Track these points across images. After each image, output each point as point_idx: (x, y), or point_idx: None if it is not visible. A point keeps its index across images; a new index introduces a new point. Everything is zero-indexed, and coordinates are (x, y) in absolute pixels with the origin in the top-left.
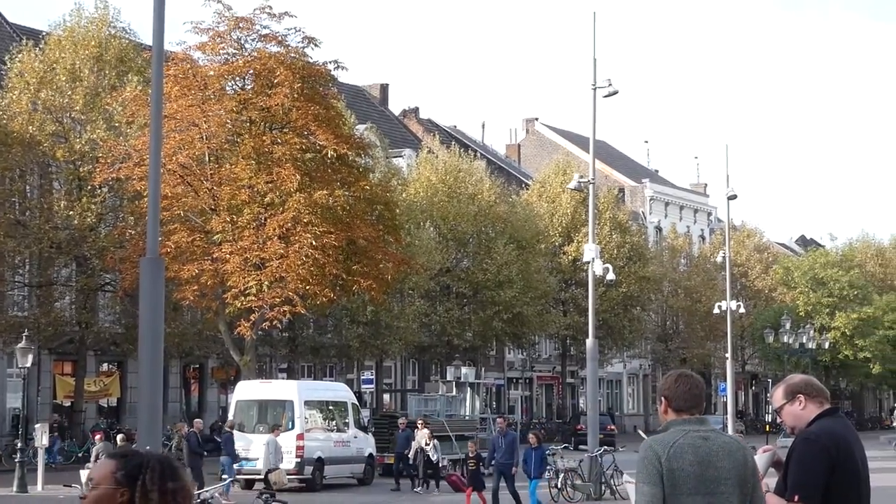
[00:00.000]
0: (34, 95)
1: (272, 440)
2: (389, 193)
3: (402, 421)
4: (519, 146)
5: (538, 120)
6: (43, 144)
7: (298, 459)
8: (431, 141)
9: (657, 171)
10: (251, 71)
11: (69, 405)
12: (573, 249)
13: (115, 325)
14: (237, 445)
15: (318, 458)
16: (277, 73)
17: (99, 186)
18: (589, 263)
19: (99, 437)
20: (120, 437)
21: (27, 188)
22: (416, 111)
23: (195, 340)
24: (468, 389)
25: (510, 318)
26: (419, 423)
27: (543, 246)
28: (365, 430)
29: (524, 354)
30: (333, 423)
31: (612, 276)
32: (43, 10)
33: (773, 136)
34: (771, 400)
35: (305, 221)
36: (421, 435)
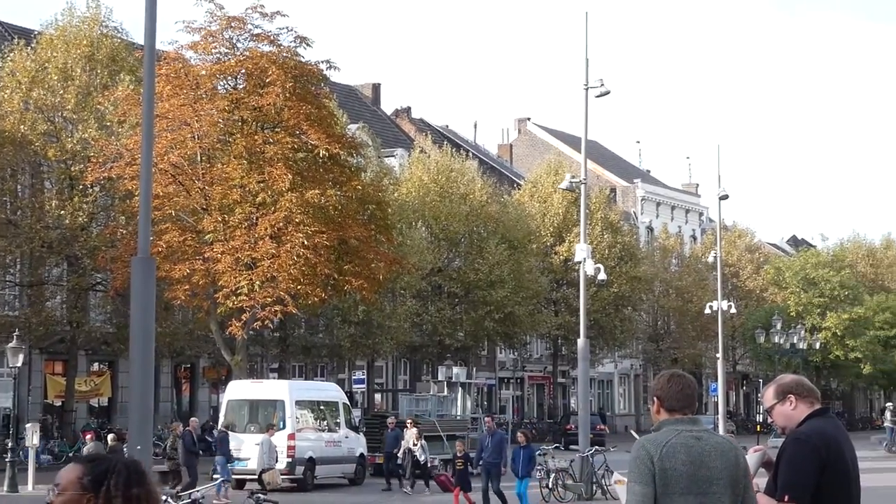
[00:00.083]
0: (26, 94)
1: (266, 440)
2: (381, 193)
3: (390, 420)
4: (511, 146)
5: (530, 120)
6: (34, 144)
7: (289, 459)
8: (423, 141)
9: (649, 171)
10: (243, 70)
11: (60, 405)
12: (565, 249)
13: (106, 324)
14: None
15: (309, 458)
16: (269, 72)
17: (90, 186)
18: (580, 263)
19: (90, 436)
20: (111, 436)
21: (18, 187)
22: (408, 111)
23: (186, 340)
24: (459, 389)
25: (502, 317)
26: (408, 422)
27: (535, 246)
28: (356, 429)
29: (515, 354)
30: (325, 422)
31: (603, 276)
32: (35, 9)
33: (764, 136)
34: (762, 400)
35: (297, 221)
36: (409, 435)
